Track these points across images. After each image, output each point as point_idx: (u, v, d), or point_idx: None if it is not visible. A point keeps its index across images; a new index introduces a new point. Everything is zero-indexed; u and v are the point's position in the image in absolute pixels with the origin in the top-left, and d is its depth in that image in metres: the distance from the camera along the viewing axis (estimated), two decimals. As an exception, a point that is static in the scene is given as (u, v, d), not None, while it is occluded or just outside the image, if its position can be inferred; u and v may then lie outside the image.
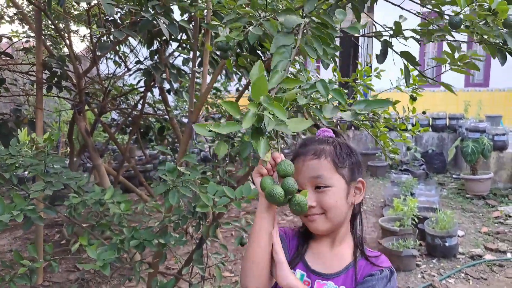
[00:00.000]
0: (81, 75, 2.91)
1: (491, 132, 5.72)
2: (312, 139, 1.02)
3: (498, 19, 1.02)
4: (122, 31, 1.84)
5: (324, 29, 1.13)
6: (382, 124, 2.24)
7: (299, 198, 0.86)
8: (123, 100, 3.87)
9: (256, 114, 0.83)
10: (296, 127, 0.88)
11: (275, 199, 0.84)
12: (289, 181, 0.85)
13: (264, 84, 0.85)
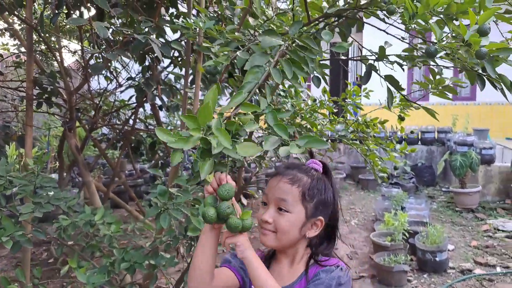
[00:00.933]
0: (72, 92, 2.90)
1: (479, 146, 5.82)
2: (298, 166, 1.09)
3: (471, 50, 1.06)
4: (115, 52, 1.85)
5: (302, 52, 1.15)
6: (371, 142, 2.28)
7: (233, 221, 0.91)
8: (114, 116, 3.86)
9: (200, 138, 0.86)
10: (245, 152, 0.90)
11: (206, 219, 0.91)
12: (223, 205, 0.91)
13: (210, 111, 0.88)
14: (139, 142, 4.39)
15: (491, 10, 1.03)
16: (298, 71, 1.18)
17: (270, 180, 1.07)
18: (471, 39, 1.03)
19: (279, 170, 1.08)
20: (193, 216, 1.44)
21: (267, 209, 1.02)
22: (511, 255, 4.06)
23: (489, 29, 1.06)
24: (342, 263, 1.06)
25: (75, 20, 1.70)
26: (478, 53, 1.04)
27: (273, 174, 1.08)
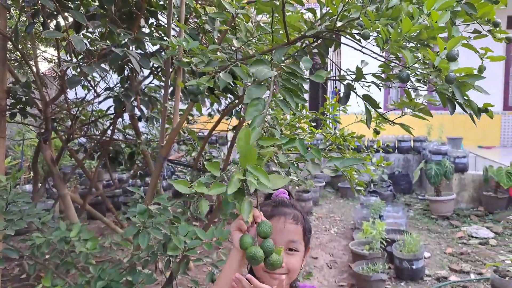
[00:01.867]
0: (47, 102, 2.84)
1: (453, 154, 6.01)
2: (285, 202, 1.10)
3: (441, 75, 1.11)
4: (92, 65, 1.83)
5: (293, 79, 1.18)
6: (348, 155, 2.32)
7: (275, 258, 0.89)
8: (92, 126, 3.79)
9: (241, 180, 0.86)
10: (275, 185, 0.90)
11: (257, 261, 0.87)
12: (269, 243, 0.89)
13: (254, 154, 0.87)
14: (117, 152, 4.32)
15: (458, 38, 1.08)
16: (298, 100, 1.20)
17: (270, 221, 0.98)
18: (440, 65, 1.08)
19: (275, 211, 1.05)
20: (173, 235, 1.43)
21: None
22: (484, 261, 4.18)
23: (457, 55, 1.11)
24: (314, 286, 1.11)
25: (51, 33, 1.67)
26: (447, 78, 1.08)
27: (269, 215, 1.03)
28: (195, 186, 0.84)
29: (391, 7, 1.26)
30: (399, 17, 1.23)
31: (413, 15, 1.20)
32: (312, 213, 6.01)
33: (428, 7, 1.13)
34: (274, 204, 1.08)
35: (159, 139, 1.99)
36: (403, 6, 1.18)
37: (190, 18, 2.82)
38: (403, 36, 1.14)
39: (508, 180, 5.37)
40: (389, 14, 1.26)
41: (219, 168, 0.87)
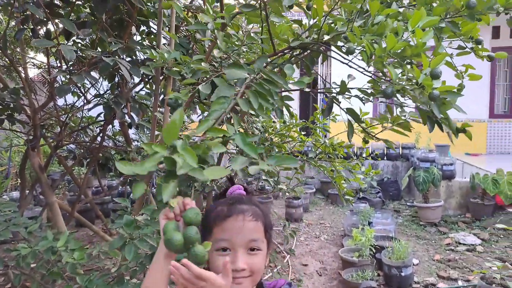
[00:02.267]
0: (36, 109, 2.82)
1: (440, 162, 6.09)
2: (241, 198, 1.01)
3: (425, 92, 1.14)
4: (82, 74, 1.83)
5: (267, 85, 1.19)
6: (338, 164, 2.35)
7: (198, 249, 0.83)
8: (81, 133, 3.77)
9: (164, 156, 0.82)
10: (212, 174, 0.86)
11: (173, 246, 0.82)
12: (192, 230, 0.84)
13: (176, 128, 0.84)
14: (107, 158, 4.29)
15: (442, 56, 1.11)
16: (264, 103, 1.22)
17: (225, 222, 0.94)
18: (424, 82, 1.11)
19: (232, 209, 0.96)
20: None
21: (236, 255, 0.91)
22: (471, 268, 4.24)
23: (440, 73, 1.14)
24: (286, 280, 1.03)
25: (41, 41, 1.67)
26: (431, 95, 1.11)
27: (225, 215, 0.95)
28: (134, 165, 0.82)
29: (376, 23, 1.29)
30: (384, 33, 1.26)
31: (397, 32, 1.23)
32: (303, 220, 6.03)
33: (413, 25, 1.17)
34: (230, 202, 0.98)
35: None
36: (388, 22, 1.21)
37: (182, 26, 2.84)
38: (387, 52, 1.17)
39: (494, 187, 5.46)
40: (374, 30, 1.29)
41: (165, 148, 0.85)
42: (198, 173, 0.83)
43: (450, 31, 1.31)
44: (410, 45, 1.12)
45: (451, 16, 1.26)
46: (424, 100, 1.14)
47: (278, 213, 6.29)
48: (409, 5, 1.42)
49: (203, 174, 0.84)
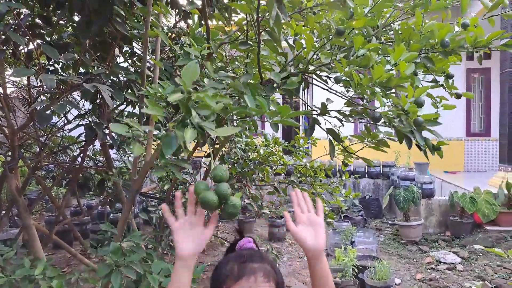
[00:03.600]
0: (15, 130, 2.76)
1: (420, 180, 6.23)
2: (254, 255, 1.02)
3: (409, 118, 1.19)
4: (63, 102, 1.82)
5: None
6: (319, 187, 2.38)
7: (234, 201, 0.86)
8: (61, 153, 3.69)
9: (186, 96, 0.87)
10: (224, 132, 0.92)
11: (209, 205, 0.84)
12: (223, 186, 0.86)
13: (196, 69, 0.89)
14: (86, 178, 4.20)
15: (425, 87, 1.17)
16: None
17: (237, 284, 0.94)
18: (410, 109, 1.15)
19: (244, 269, 0.97)
20: (147, 273, 1.40)
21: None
22: (451, 287, 4.30)
23: (423, 102, 1.20)
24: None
25: (21, 71, 1.66)
26: (416, 121, 1.16)
27: (237, 275, 0.96)
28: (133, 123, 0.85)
29: (360, 55, 1.34)
30: (368, 65, 1.31)
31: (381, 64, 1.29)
32: (286, 239, 6.01)
33: (395, 58, 1.22)
34: (241, 261, 0.99)
35: (131, 172, 1.97)
36: (372, 55, 1.26)
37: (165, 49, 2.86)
38: (373, 82, 1.22)
39: (472, 205, 5.60)
40: (358, 61, 1.35)
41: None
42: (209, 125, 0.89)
43: (424, 66, 1.38)
44: (394, 76, 1.18)
45: (426, 52, 1.33)
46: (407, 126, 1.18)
47: (261, 232, 6.26)
48: (387, 41, 1.49)
49: (215, 131, 0.90)
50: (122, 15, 2.01)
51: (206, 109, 0.97)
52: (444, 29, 1.24)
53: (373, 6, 1.30)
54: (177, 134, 0.93)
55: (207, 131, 0.95)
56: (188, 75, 0.92)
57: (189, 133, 0.90)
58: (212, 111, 0.98)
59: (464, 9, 1.40)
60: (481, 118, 10.16)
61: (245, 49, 1.40)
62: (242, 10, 1.21)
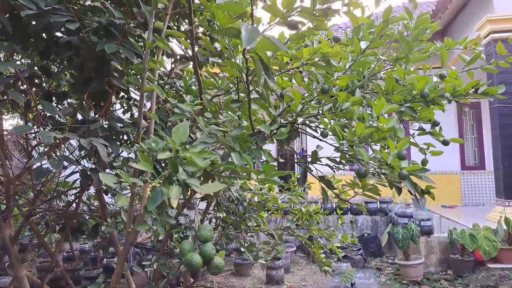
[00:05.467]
0: (11, 179, 2.77)
1: (418, 217, 6.19)
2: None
3: (394, 171, 1.22)
4: (59, 158, 1.86)
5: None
6: (314, 230, 2.37)
7: (218, 261, 0.90)
8: (56, 199, 3.68)
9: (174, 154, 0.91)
10: (210, 189, 0.96)
11: (193, 267, 0.88)
12: (208, 247, 0.90)
13: (185, 133, 0.95)
14: (80, 223, 4.16)
15: (406, 139, 1.21)
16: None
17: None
18: (393, 163, 1.19)
19: None
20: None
21: None
22: (456, 329, 4.16)
23: (406, 155, 1.23)
24: None
25: (19, 128, 1.70)
26: (400, 175, 1.20)
27: None
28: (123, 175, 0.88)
29: (344, 109, 1.40)
30: (353, 117, 1.36)
31: (364, 117, 1.34)
32: (284, 282, 5.86)
33: (377, 112, 1.27)
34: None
35: (126, 223, 1.97)
36: (355, 109, 1.31)
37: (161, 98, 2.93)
38: (357, 137, 1.26)
39: (472, 242, 5.54)
40: (343, 114, 1.40)
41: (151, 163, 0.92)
42: (194, 181, 0.94)
43: (409, 115, 1.43)
44: (377, 130, 1.22)
45: (409, 102, 1.39)
46: (395, 178, 1.22)
47: (259, 275, 6.11)
48: (371, 91, 1.56)
49: (199, 187, 0.94)
50: (119, 69, 2.09)
51: (192, 166, 1.01)
52: (422, 81, 1.30)
53: (352, 63, 1.38)
54: (162, 191, 0.97)
55: (192, 187, 0.98)
56: (178, 135, 0.97)
57: (174, 191, 0.94)
58: (198, 168, 1.02)
59: (444, 63, 1.48)
60: (475, 151, 10.26)
61: (236, 106, 1.46)
62: (231, 74, 1.28)
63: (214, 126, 1.28)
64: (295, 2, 0.86)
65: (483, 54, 6.08)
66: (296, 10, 0.88)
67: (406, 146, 1.28)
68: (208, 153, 1.06)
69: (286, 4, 0.86)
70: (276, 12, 0.86)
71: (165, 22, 1.94)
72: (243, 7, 0.90)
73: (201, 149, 1.00)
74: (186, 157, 0.93)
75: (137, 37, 2.49)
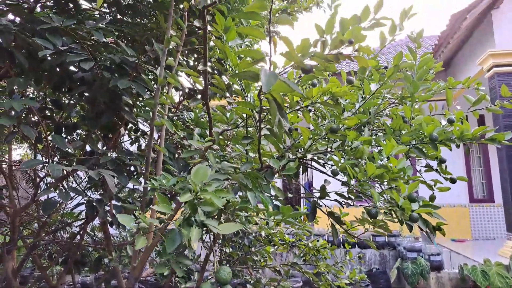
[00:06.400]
0: (17, 211, 2.77)
1: (427, 252, 6.04)
2: None
3: (405, 213, 1.21)
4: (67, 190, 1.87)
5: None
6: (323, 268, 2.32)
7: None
8: (60, 230, 3.65)
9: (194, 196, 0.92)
10: (227, 229, 0.96)
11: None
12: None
13: (205, 174, 0.97)
14: (83, 255, 4.10)
15: (416, 182, 1.21)
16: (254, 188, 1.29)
17: None
18: (404, 205, 1.18)
19: None
20: None
21: None
22: None
23: (417, 197, 1.23)
24: None
25: (30, 162, 1.73)
26: (411, 217, 1.19)
27: None
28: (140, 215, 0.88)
29: (354, 147, 1.40)
30: (363, 157, 1.37)
31: (374, 157, 1.34)
32: (290, 318, 5.66)
33: (387, 153, 1.28)
34: None
35: (132, 257, 1.94)
36: (364, 149, 1.32)
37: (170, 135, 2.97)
38: (367, 178, 1.26)
39: (484, 279, 5.37)
40: (353, 153, 1.40)
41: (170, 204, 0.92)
42: (211, 222, 0.95)
43: (416, 153, 1.44)
44: (387, 170, 1.22)
45: (417, 143, 1.40)
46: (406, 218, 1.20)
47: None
48: (378, 128, 1.57)
49: (217, 227, 0.96)
50: (129, 103, 2.13)
51: (209, 206, 1.01)
52: (431, 126, 1.32)
53: (363, 103, 1.40)
54: (182, 233, 0.97)
55: (210, 228, 0.99)
56: (198, 177, 0.99)
57: (195, 233, 0.95)
58: (215, 208, 1.03)
59: (449, 103, 1.50)
60: (483, 184, 10.13)
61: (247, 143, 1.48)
62: (243, 112, 1.30)
63: (226, 162, 1.29)
64: (310, 48, 0.90)
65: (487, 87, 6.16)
66: (310, 55, 0.91)
67: (416, 188, 1.28)
68: (225, 192, 1.07)
69: (301, 49, 0.89)
70: (294, 58, 0.89)
71: (176, 59, 2.00)
72: (262, 53, 0.94)
73: (215, 187, 1.01)
74: (206, 199, 0.94)
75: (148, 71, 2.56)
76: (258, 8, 0.88)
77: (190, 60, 3.27)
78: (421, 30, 1.82)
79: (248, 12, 0.88)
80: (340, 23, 0.89)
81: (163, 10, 2.21)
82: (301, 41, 0.87)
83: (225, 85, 2.56)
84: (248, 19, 0.96)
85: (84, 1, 2.41)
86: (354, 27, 0.86)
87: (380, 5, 1.02)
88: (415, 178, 1.25)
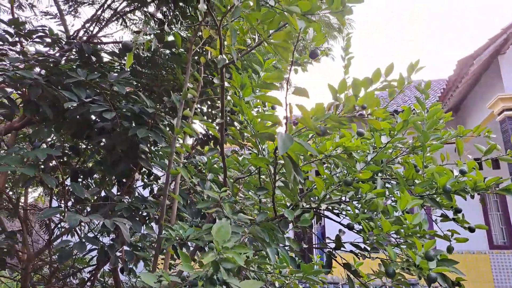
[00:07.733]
0: (31, 257, 2.77)
1: (447, 302, 5.75)
2: None
3: (423, 272, 1.19)
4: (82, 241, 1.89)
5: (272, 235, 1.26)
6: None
7: None
8: (71, 276, 3.62)
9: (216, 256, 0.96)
10: (247, 286, 0.98)
11: None
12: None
13: (227, 232, 0.98)
14: (92, 302, 4.02)
15: (433, 241, 1.21)
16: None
17: None
18: (421, 264, 1.17)
19: None
20: None
21: None
22: None
23: (434, 256, 1.22)
24: None
25: (49, 211, 1.77)
26: (429, 277, 1.17)
27: None
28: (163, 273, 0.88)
29: (368, 200, 1.41)
30: (377, 210, 1.37)
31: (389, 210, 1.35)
32: None
33: (402, 207, 1.28)
34: None
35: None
36: (379, 202, 1.33)
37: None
38: (384, 233, 1.26)
39: (510, 333, 5.04)
40: (367, 206, 1.41)
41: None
42: (235, 282, 0.98)
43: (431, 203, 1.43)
44: (403, 226, 1.22)
45: (430, 194, 1.40)
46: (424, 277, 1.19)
47: None
48: (390, 176, 1.59)
49: (239, 285, 0.98)
50: (146, 151, 2.20)
51: (230, 263, 1.02)
52: (444, 177, 1.33)
53: (376, 155, 1.43)
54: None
55: (232, 287, 1.00)
56: (220, 236, 1.01)
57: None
58: (237, 265, 1.04)
59: (460, 152, 1.51)
60: (502, 229, 9.78)
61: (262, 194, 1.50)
62: (258, 165, 1.34)
63: (242, 214, 1.31)
64: (324, 111, 0.94)
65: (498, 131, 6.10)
66: (324, 117, 0.96)
67: (433, 245, 1.27)
68: (244, 248, 1.09)
69: (315, 112, 0.94)
70: (308, 124, 0.94)
71: (192, 109, 2.09)
72: (278, 117, 0.99)
73: (234, 242, 1.03)
74: (228, 258, 0.96)
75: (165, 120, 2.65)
76: (276, 79, 0.94)
77: (204, 107, 3.38)
78: (428, 82, 1.87)
79: (267, 83, 0.94)
80: (353, 84, 0.94)
81: (180, 63, 2.33)
82: (315, 105, 0.92)
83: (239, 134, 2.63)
84: (267, 88, 1.02)
85: (108, 55, 2.57)
86: (367, 93, 0.90)
87: (390, 69, 1.07)
88: (431, 232, 1.24)
